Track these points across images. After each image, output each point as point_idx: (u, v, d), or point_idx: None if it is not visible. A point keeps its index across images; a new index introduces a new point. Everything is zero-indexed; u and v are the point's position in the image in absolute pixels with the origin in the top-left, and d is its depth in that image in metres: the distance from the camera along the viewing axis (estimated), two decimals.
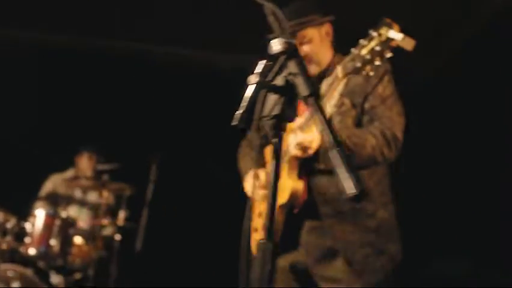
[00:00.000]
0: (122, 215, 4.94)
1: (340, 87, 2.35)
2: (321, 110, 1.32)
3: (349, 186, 1.19)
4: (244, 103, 1.42)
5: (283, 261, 2.59)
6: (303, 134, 2.29)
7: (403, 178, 2.79)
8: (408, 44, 1.73)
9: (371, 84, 2.43)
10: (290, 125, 2.47)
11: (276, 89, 1.40)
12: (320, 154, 2.31)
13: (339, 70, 2.07)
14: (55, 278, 4.65)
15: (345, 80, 2.27)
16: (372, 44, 1.83)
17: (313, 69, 2.58)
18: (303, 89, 1.36)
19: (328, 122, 1.30)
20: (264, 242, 1.35)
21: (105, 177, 4.85)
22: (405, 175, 3.16)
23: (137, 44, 5.72)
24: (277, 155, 1.40)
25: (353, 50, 1.92)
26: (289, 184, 2.39)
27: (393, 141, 2.36)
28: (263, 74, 1.41)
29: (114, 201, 5.12)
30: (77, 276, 4.80)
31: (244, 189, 2.75)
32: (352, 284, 2.38)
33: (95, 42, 5.68)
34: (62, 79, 5.67)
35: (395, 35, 1.76)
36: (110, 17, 5.33)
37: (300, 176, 2.43)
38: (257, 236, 2.68)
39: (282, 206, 2.44)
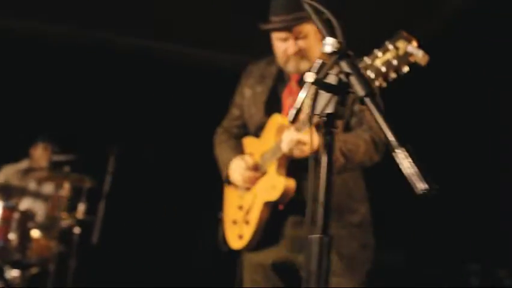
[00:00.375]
0: (81, 207, 4.81)
1: None
2: (379, 109, 1.36)
3: (419, 184, 1.24)
4: (299, 101, 1.44)
5: (263, 258, 2.58)
6: (301, 134, 2.28)
7: None
8: (424, 59, 1.72)
9: None
10: (281, 120, 2.50)
11: (329, 88, 1.43)
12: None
13: None
14: (10, 273, 4.48)
15: None
16: (388, 56, 1.78)
17: (304, 66, 2.57)
18: (359, 89, 1.39)
19: (388, 122, 1.34)
20: (321, 237, 1.38)
21: (66, 168, 4.70)
22: None
23: (94, 33, 5.56)
24: (330, 153, 1.43)
25: (366, 59, 1.86)
26: (282, 182, 2.41)
27: (381, 146, 2.48)
28: (319, 72, 1.44)
29: (72, 194, 4.95)
30: (34, 270, 4.65)
31: (229, 177, 2.70)
32: (348, 278, 2.44)
33: (51, 29, 5.48)
34: (16, 67, 5.43)
35: (414, 50, 1.73)
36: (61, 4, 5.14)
37: (289, 173, 2.45)
38: (236, 229, 2.67)
39: (270, 204, 2.47)
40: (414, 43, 1.73)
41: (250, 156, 2.65)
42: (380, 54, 1.78)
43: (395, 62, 1.73)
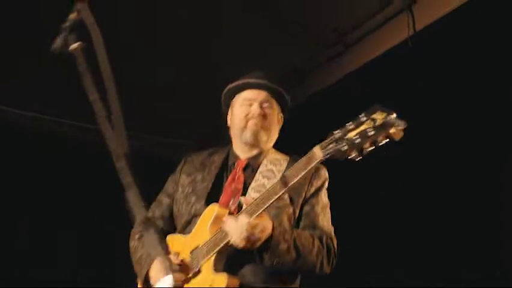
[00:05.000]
0: None
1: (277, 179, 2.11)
2: None
3: None
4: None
5: None
6: (256, 221, 2.02)
7: None
8: (399, 134, 1.70)
9: (313, 186, 2.34)
10: (218, 210, 2.20)
11: None
12: (270, 247, 2.05)
13: (316, 151, 1.93)
14: None
15: (280, 174, 2.20)
16: (363, 127, 1.74)
17: (262, 136, 2.40)
18: None
19: None
20: None
21: None
22: None
23: None
24: None
25: (336, 132, 1.82)
26: (223, 280, 2.07)
27: (333, 257, 2.25)
28: None
29: None
30: None
31: (149, 279, 2.26)
32: None
33: None
34: None
35: (394, 121, 1.70)
36: None
37: (227, 268, 2.13)
38: None
39: None
40: (394, 115, 1.71)
41: (176, 256, 2.23)
42: (352, 126, 1.77)
43: (371, 133, 1.71)
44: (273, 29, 3.85)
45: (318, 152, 1.90)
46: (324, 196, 2.36)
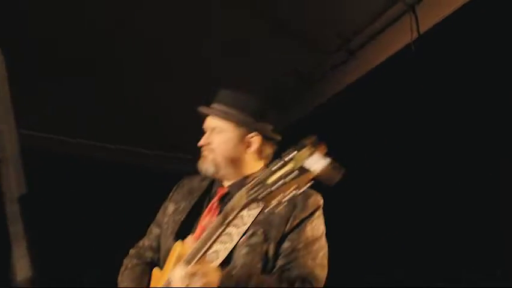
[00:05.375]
0: None
1: (254, 211, 1.80)
2: None
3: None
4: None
5: None
6: (194, 269, 1.75)
7: None
8: (332, 177, 1.36)
9: (297, 219, 1.97)
10: (180, 248, 1.98)
11: None
12: None
13: (242, 195, 1.64)
14: None
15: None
16: (287, 168, 1.42)
17: (207, 166, 2.13)
18: None
19: None
20: None
21: None
22: None
23: None
24: None
25: (261, 174, 1.53)
26: None
27: None
28: None
29: None
30: None
31: None
32: None
33: None
34: None
35: (313, 163, 1.36)
36: None
37: None
38: None
39: None
40: (321, 151, 1.38)
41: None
42: (275, 167, 1.47)
43: (292, 176, 1.40)
44: (274, 37, 3.79)
45: (243, 196, 1.62)
46: (310, 229, 1.97)
